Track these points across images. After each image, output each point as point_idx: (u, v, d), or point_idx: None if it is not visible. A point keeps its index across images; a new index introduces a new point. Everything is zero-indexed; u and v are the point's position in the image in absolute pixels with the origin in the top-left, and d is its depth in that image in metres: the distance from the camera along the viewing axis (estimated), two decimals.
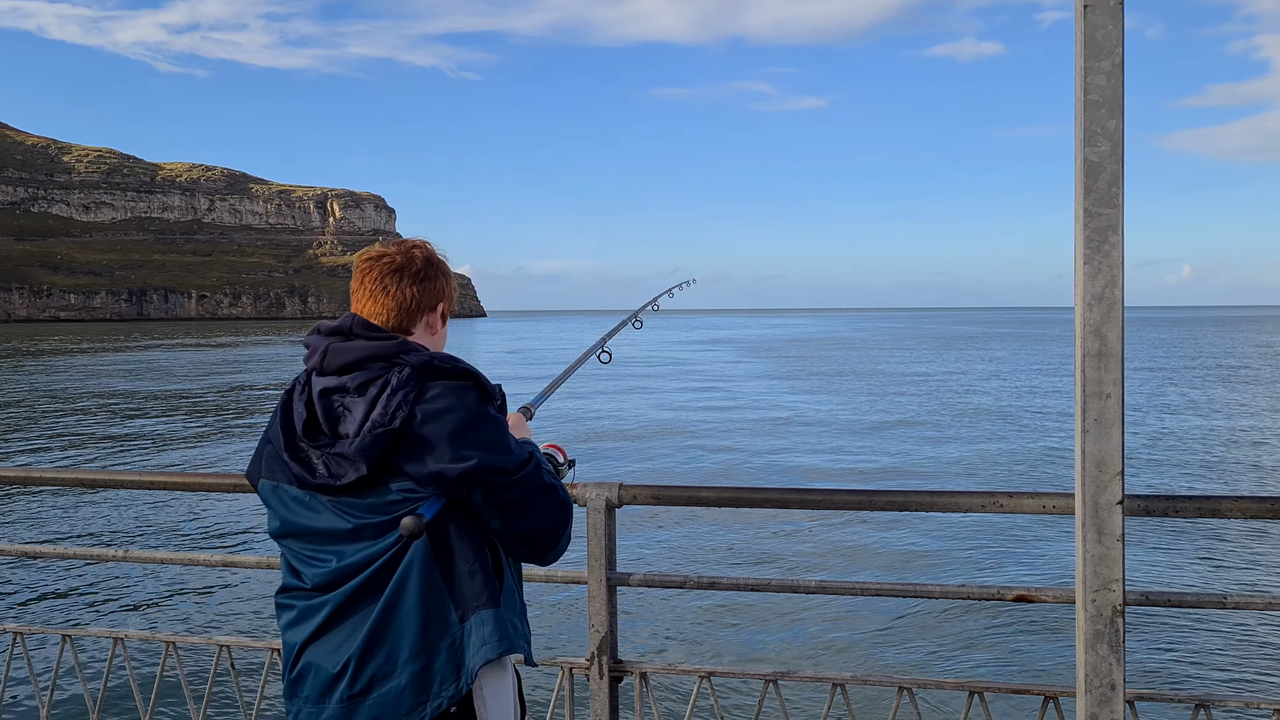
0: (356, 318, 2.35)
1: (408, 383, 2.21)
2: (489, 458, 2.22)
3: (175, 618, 11.92)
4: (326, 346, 2.30)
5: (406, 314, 2.39)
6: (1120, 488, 2.57)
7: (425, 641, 2.21)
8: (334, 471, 2.20)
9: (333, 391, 2.26)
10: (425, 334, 2.44)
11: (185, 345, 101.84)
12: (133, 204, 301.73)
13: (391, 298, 2.38)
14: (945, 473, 23.02)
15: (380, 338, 2.30)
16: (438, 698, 2.20)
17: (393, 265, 2.40)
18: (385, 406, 2.18)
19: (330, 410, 2.25)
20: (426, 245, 2.48)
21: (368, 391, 2.22)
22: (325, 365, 2.29)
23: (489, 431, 2.26)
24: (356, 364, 2.26)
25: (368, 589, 2.23)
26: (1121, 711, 2.61)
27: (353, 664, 2.21)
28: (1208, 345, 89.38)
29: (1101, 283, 2.55)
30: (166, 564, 4.01)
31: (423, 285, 2.41)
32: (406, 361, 2.25)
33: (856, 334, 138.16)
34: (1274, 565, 14.15)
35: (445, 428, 2.20)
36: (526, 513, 2.29)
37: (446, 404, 2.22)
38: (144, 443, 28.52)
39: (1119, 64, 2.52)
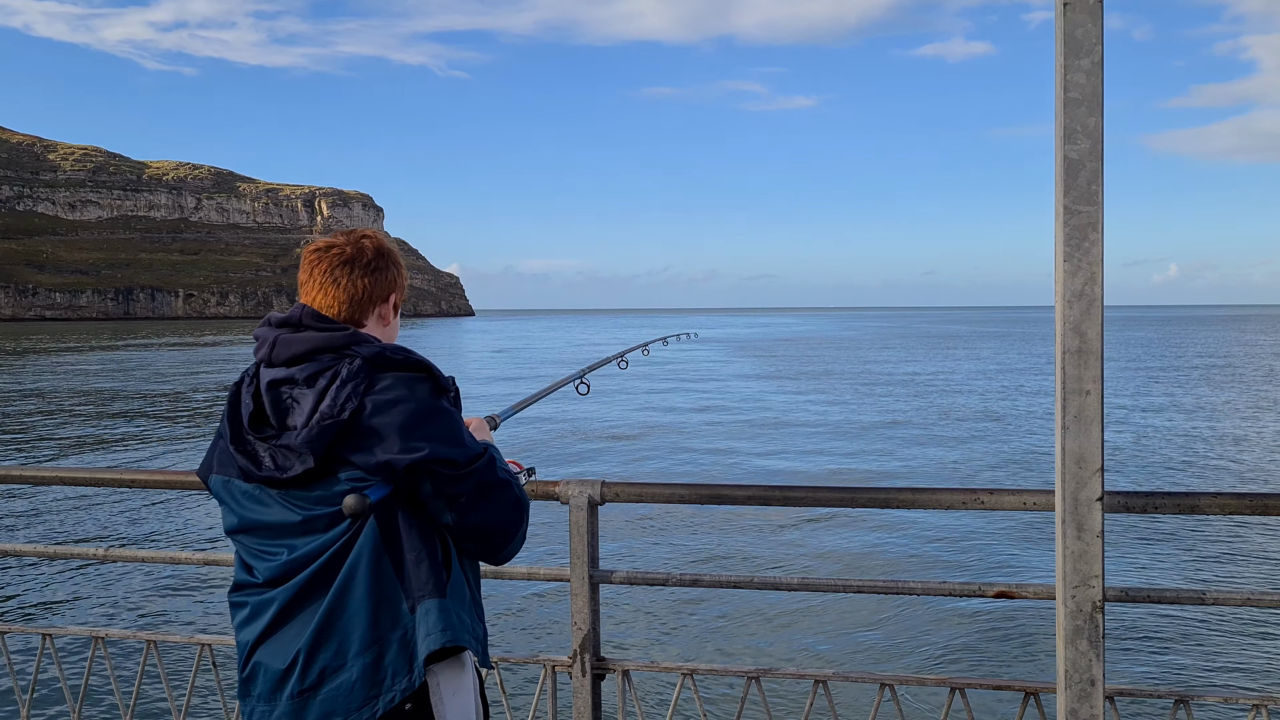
0: (306, 309, 2.31)
1: (358, 374, 2.17)
2: (439, 449, 2.18)
3: (156, 616, 11.86)
4: (275, 338, 2.26)
5: (358, 306, 2.35)
6: (1100, 484, 2.58)
7: (375, 633, 2.17)
8: (280, 464, 2.17)
9: (281, 383, 2.22)
10: (377, 325, 2.40)
11: (172, 344, 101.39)
12: (119, 202, 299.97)
13: (342, 289, 2.33)
14: (927, 470, 23.09)
15: (330, 329, 2.26)
16: (390, 691, 2.16)
17: (343, 256, 2.35)
18: (334, 398, 2.14)
19: (278, 402, 2.22)
20: (377, 235, 2.44)
21: (317, 383, 2.18)
22: (274, 357, 2.24)
23: (440, 424, 2.22)
24: (305, 355, 2.22)
25: (317, 581, 2.19)
26: (1101, 707, 2.62)
27: (301, 658, 2.17)
28: (1191, 344, 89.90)
29: (1081, 280, 2.56)
30: (147, 563, 4.00)
31: (374, 276, 2.37)
32: (357, 353, 2.21)
33: (844, 333, 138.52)
34: (1253, 561, 14.24)
35: (396, 419, 2.16)
36: (479, 508, 2.25)
37: (397, 395, 2.18)
38: (126, 441, 28.38)
39: (1098, 62, 2.53)
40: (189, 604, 12.32)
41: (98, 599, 12.54)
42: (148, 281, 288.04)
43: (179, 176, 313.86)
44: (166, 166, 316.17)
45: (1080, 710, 2.63)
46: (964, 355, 76.10)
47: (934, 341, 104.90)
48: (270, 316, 2.35)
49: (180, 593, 12.76)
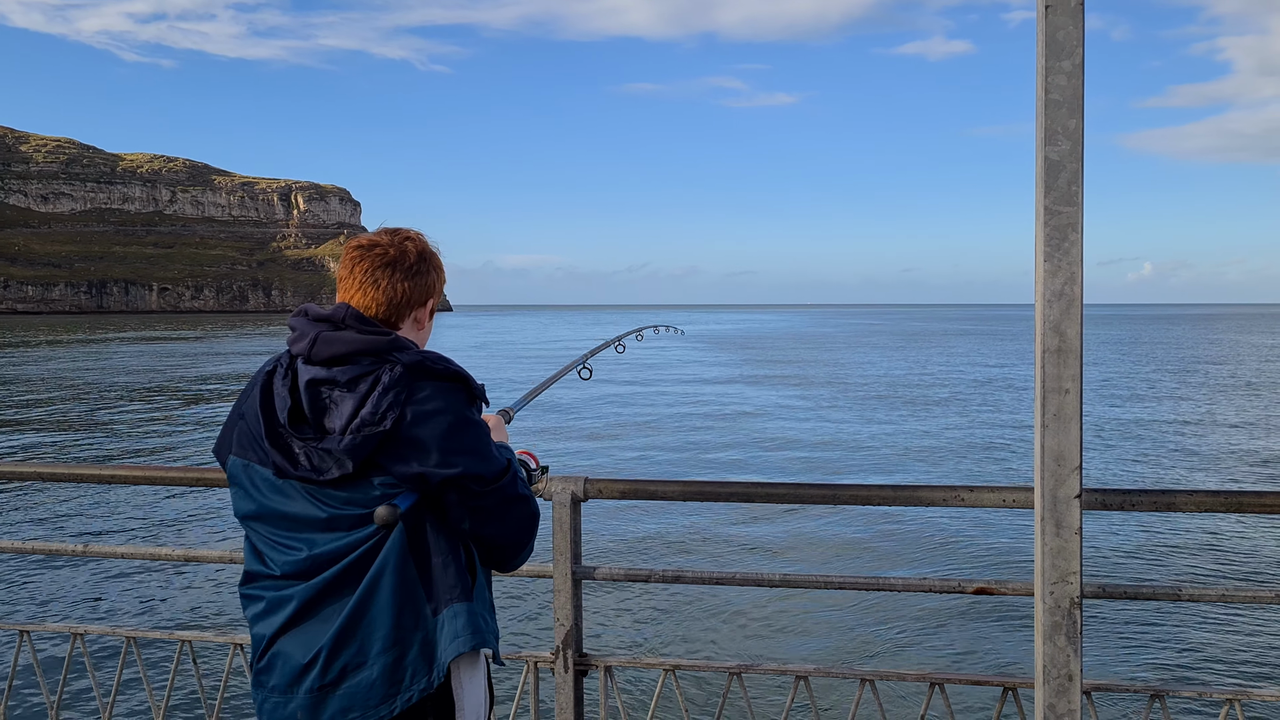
0: (350, 309, 2.29)
1: (399, 382, 2.18)
2: (473, 465, 2.22)
3: (136, 613, 11.78)
4: (316, 335, 2.24)
5: (396, 309, 2.35)
6: (1078, 482, 2.61)
7: (398, 634, 2.20)
8: (317, 465, 2.17)
9: (321, 383, 2.21)
10: (413, 329, 2.41)
11: (147, 338, 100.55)
12: (92, 195, 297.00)
13: (382, 291, 2.33)
14: (908, 468, 23.22)
15: (372, 332, 2.25)
16: (408, 690, 2.20)
17: (385, 258, 2.34)
18: (376, 405, 2.15)
19: (317, 401, 2.21)
20: (420, 237, 2.43)
21: (358, 387, 2.18)
22: (314, 354, 2.23)
23: (474, 436, 2.25)
24: (347, 357, 2.21)
25: (342, 580, 2.21)
26: (1079, 701, 2.65)
27: (324, 654, 2.19)
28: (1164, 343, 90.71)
29: (1061, 280, 2.59)
30: (127, 559, 3.96)
31: (414, 280, 2.37)
32: (399, 359, 2.21)
33: (824, 330, 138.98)
34: (1227, 558, 14.40)
35: (434, 430, 2.18)
36: (496, 520, 2.29)
37: (436, 406, 2.19)
38: (104, 436, 28.15)
39: (1079, 64, 2.56)
40: (169, 600, 12.24)
41: (77, 595, 12.45)
42: (121, 275, 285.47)
43: (154, 169, 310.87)
44: (141, 159, 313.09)
45: (1058, 705, 2.66)
46: (938, 352, 76.51)
47: (911, 338, 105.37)
48: (308, 308, 2.33)
49: (161, 589, 12.67)
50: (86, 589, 12.68)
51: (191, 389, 43.55)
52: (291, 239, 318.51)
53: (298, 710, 2.22)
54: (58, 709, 3.80)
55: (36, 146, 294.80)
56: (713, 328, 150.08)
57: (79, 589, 12.68)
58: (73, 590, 12.63)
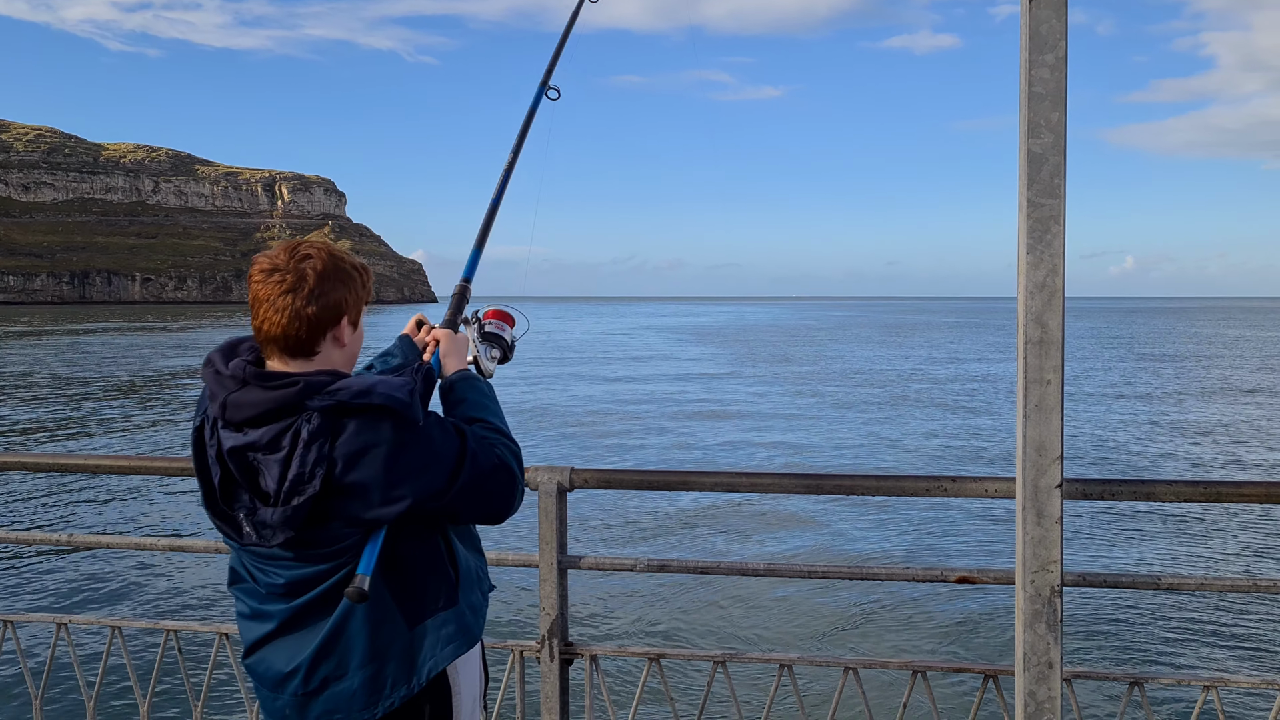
0: (249, 367, 2.17)
1: (319, 433, 2.08)
2: (421, 484, 2.15)
3: (121, 603, 11.74)
4: (225, 398, 2.14)
5: (308, 335, 2.19)
6: (1059, 472, 2.64)
7: (375, 650, 2.22)
8: (261, 535, 2.13)
9: (243, 449, 2.12)
10: (333, 348, 2.25)
11: (130, 329, 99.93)
12: (74, 184, 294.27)
13: (288, 320, 2.17)
14: (892, 458, 23.32)
15: (278, 386, 2.12)
16: (389, 698, 2.24)
17: (284, 285, 2.17)
18: (301, 464, 2.07)
19: (245, 467, 2.13)
20: (321, 252, 2.23)
21: (280, 447, 2.09)
22: (228, 418, 2.14)
23: (415, 458, 2.15)
24: (260, 417, 2.11)
25: (316, 604, 2.21)
26: (1059, 689, 2.68)
27: (304, 667, 2.22)
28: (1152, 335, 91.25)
29: (1043, 272, 2.61)
30: (112, 548, 3.96)
31: (320, 303, 2.18)
32: (312, 407, 2.09)
33: (808, 323, 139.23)
34: (1206, 547, 14.53)
35: (370, 470, 2.10)
36: (471, 508, 2.28)
37: (364, 443, 2.10)
38: (88, 426, 27.98)
39: (1062, 57, 2.58)
40: (155, 590, 12.21)
41: (62, 585, 12.39)
42: (104, 265, 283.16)
43: (136, 159, 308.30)
44: (124, 149, 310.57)
45: (1038, 692, 2.69)
46: (922, 343, 76.78)
47: (895, 331, 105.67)
48: (214, 361, 2.23)
49: (147, 579, 12.64)
50: (71, 579, 12.63)
51: (176, 379, 43.32)
52: (276, 230, 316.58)
53: (285, 708, 2.27)
54: (42, 699, 3.79)
55: (17, 135, 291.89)
56: (697, 320, 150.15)
57: (64, 579, 12.63)
58: (57, 580, 12.58)
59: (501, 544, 3.44)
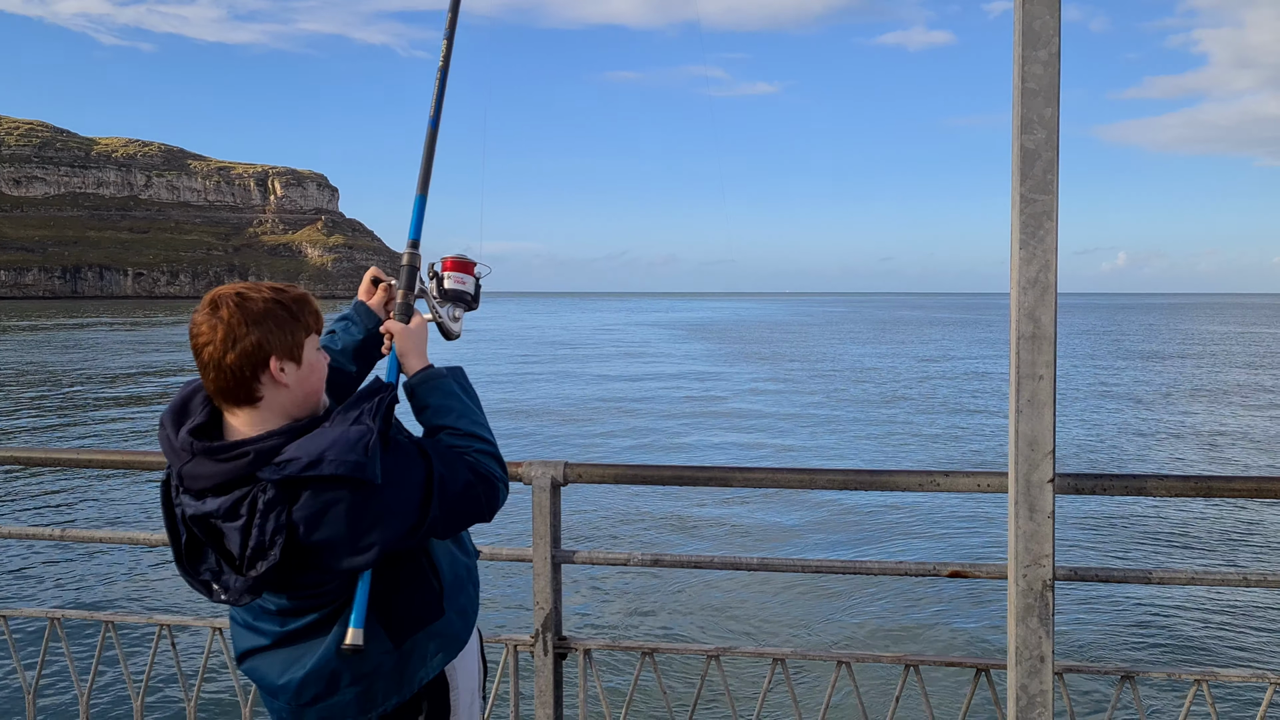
0: (194, 442, 2.12)
1: (275, 503, 2.05)
2: (389, 533, 2.14)
3: (114, 597, 11.73)
4: (180, 469, 2.13)
5: (242, 388, 2.14)
6: (1051, 466, 2.65)
7: (363, 671, 2.25)
8: (230, 595, 2.13)
9: (204, 517, 2.11)
10: (275, 390, 2.17)
11: (123, 324, 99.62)
12: (66, 179, 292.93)
13: (215, 374, 2.13)
14: (884, 453, 23.36)
15: (228, 457, 2.09)
16: (381, 706, 2.28)
17: (203, 339, 2.13)
18: (260, 533, 2.05)
19: (210, 530, 2.12)
20: (229, 299, 2.15)
21: (238, 515, 2.07)
22: (186, 486, 2.13)
23: (377, 512, 2.12)
24: (216, 488, 2.10)
25: (309, 629, 2.23)
26: (1050, 682, 2.69)
27: (294, 686, 2.24)
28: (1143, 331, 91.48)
29: (1036, 267, 2.62)
30: (105, 543, 3.95)
31: (237, 348, 2.11)
32: (266, 478, 2.06)
33: (801, 319, 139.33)
34: (1197, 541, 14.59)
35: (332, 530, 2.08)
36: (448, 528, 2.28)
37: (322, 503, 2.06)
38: (81, 420, 27.90)
39: (1055, 53, 2.58)
40: (148, 585, 12.20)
41: (55, 580, 12.38)
42: (96, 260, 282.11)
43: (128, 153, 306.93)
44: (116, 143, 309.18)
45: (1030, 686, 2.70)
46: (915, 339, 76.89)
47: (889, 327, 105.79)
48: (165, 424, 2.21)
49: (140, 573, 12.62)
50: (64, 573, 12.61)
51: (169, 373, 43.21)
52: (268, 224, 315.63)
53: (281, 711, 2.32)
54: (35, 693, 3.79)
55: (9, 129, 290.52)
56: (691, 315, 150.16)
57: (57, 574, 12.60)
58: (51, 575, 12.56)
59: (495, 539, 3.44)
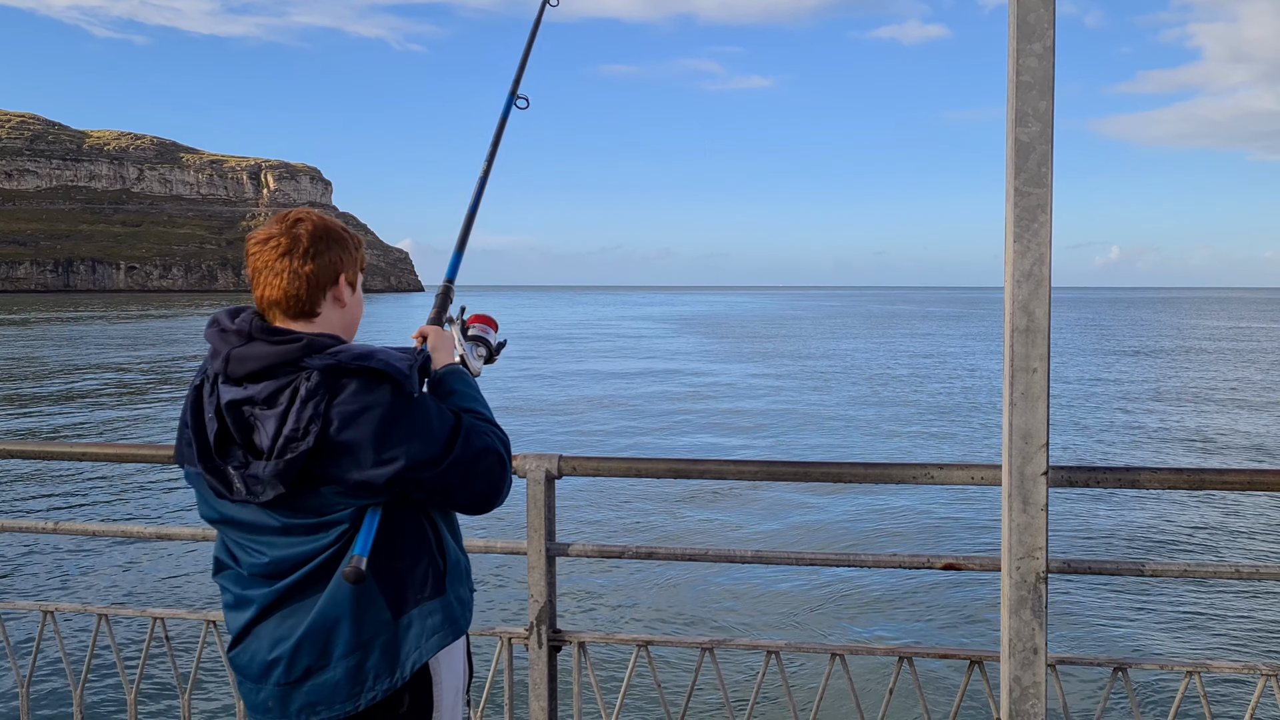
0: (255, 320, 2.24)
1: (317, 390, 2.11)
2: (415, 452, 2.17)
3: (107, 590, 11.72)
4: (229, 353, 2.18)
5: (308, 295, 2.27)
6: (1045, 459, 2.65)
7: (358, 640, 2.22)
8: (251, 490, 2.14)
9: (241, 403, 2.15)
10: (334, 309, 2.32)
11: (116, 317, 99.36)
12: (58, 172, 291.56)
13: (287, 282, 2.25)
14: (878, 446, 23.40)
15: (283, 341, 2.17)
16: (371, 691, 2.23)
17: (280, 249, 2.25)
18: (297, 420, 2.10)
19: (241, 422, 2.16)
20: (312, 216, 2.32)
21: (277, 403, 2.12)
22: (230, 373, 2.17)
23: (409, 424, 2.18)
24: (261, 373, 2.15)
25: (304, 585, 2.22)
26: (1043, 674, 2.70)
27: (287, 656, 2.22)
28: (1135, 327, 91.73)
29: (1030, 260, 2.62)
30: (98, 536, 3.95)
31: (316, 262, 2.26)
32: (312, 365, 2.13)
33: (795, 313, 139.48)
34: (1190, 533, 14.64)
35: (364, 431, 2.13)
36: (461, 488, 2.27)
37: (361, 404, 2.13)
38: (74, 414, 27.85)
39: (1050, 46, 2.58)
40: (142, 578, 12.18)
41: (48, 573, 12.36)
42: (88, 253, 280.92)
43: (120, 146, 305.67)
44: (108, 136, 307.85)
45: (1023, 678, 2.71)
46: (907, 333, 77.02)
47: (882, 321, 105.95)
48: (219, 319, 2.27)
49: (133, 567, 12.61)
50: (57, 567, 12.59)
51: (162, 367, 43.13)
52: (261, 218, 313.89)
53: (269, 699, 2.27)
54: (29, 686, 3.78)
55: (0, 122, 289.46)
56: (685, 309, 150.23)
57: (50, 567, 12.59)
58: (43, 568, 12.54)
59: (490, 532, 3.45)
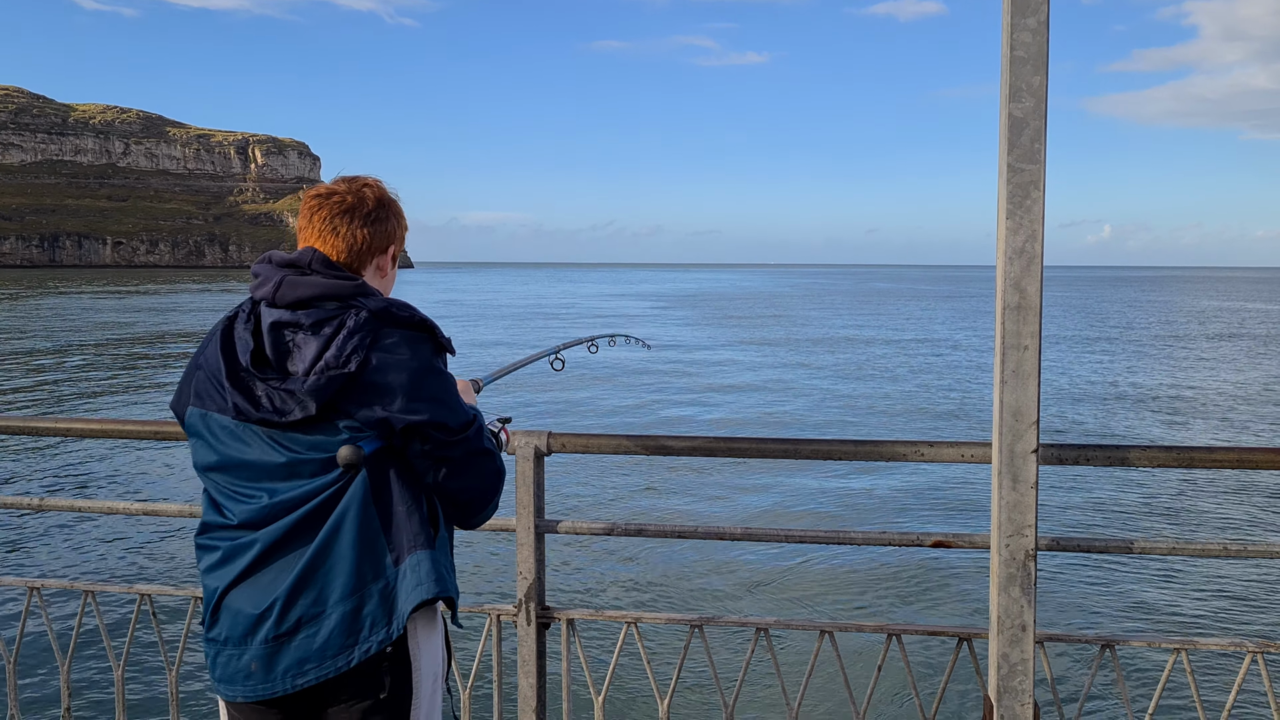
0: (317, 253, 2.28)
1: (364, 327, 2.16)
2: (438, 412, 2.21)
3: (94, 567, 11.70)
4: (281, 279, 2.22)
5: (357, 255, 2.34)
6: (1035, 437, 2.65)
7: (358, 582, 2.18)
8: (279, 406, 2.15)
9: (285, 326, 2.19)
10: (375, 276, 2.40)
11: (102, 292, 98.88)
12: (43, 146, 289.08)
13: (342, 238, 2.31)
14: (868, 423, 23.47)
15: (338, 276, 2.24)
16: (366, 642, 2.18)
17: (343, 205, 2.33)
18: (340, 349, 2.14)
19: (280, 344, 2.19)
20: (378, 184, 2.40)
21: (322, 330, 2.17)
22: (278, 297, 2.21)
23: (440, 385, 2.24)
24: (311, 301, 2.20)
25: (302, 528, 2.19)
26: (1032, 651, 2.71)
27: (279, 604, 2.17)
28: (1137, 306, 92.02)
29: (1022, 237, 2.61)
30: (85, 512, 3.93)
31: (374, 227, 2.35)
32: (364, 305, 2.20)
33: (786, 289, 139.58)
34: (1179, 511, 14.74)
35: (399, 378, 2.17)
36: (462, 472, 2.28)
37: (401, 354, 2.19)
38: (61, 389, 27.73)
39: (1044, 21, 2.56)
40: (128, 554, 12.16)
41: (34, 549, 12.33)
42: (74, 228, 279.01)
43: (106, 120, 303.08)
44: (93, 109, 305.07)
45: (1011, 654, 2.72)
46: (898, 311, 77.17)
47: (873, 298, 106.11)
48: (272, 255, 2.31)
49: (120, 543, 12.58)
50: (43, 543, 12.56)
51: (150, 342, 42.96)
52: (249, 193, 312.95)
53: (252, 662, 2.20)
54: (15, 662, 3.77)
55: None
56: (676, 287, 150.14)
57: (36, 543, 12.56)
58: (30, 544, 12.51)
59: None
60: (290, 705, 2.25)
